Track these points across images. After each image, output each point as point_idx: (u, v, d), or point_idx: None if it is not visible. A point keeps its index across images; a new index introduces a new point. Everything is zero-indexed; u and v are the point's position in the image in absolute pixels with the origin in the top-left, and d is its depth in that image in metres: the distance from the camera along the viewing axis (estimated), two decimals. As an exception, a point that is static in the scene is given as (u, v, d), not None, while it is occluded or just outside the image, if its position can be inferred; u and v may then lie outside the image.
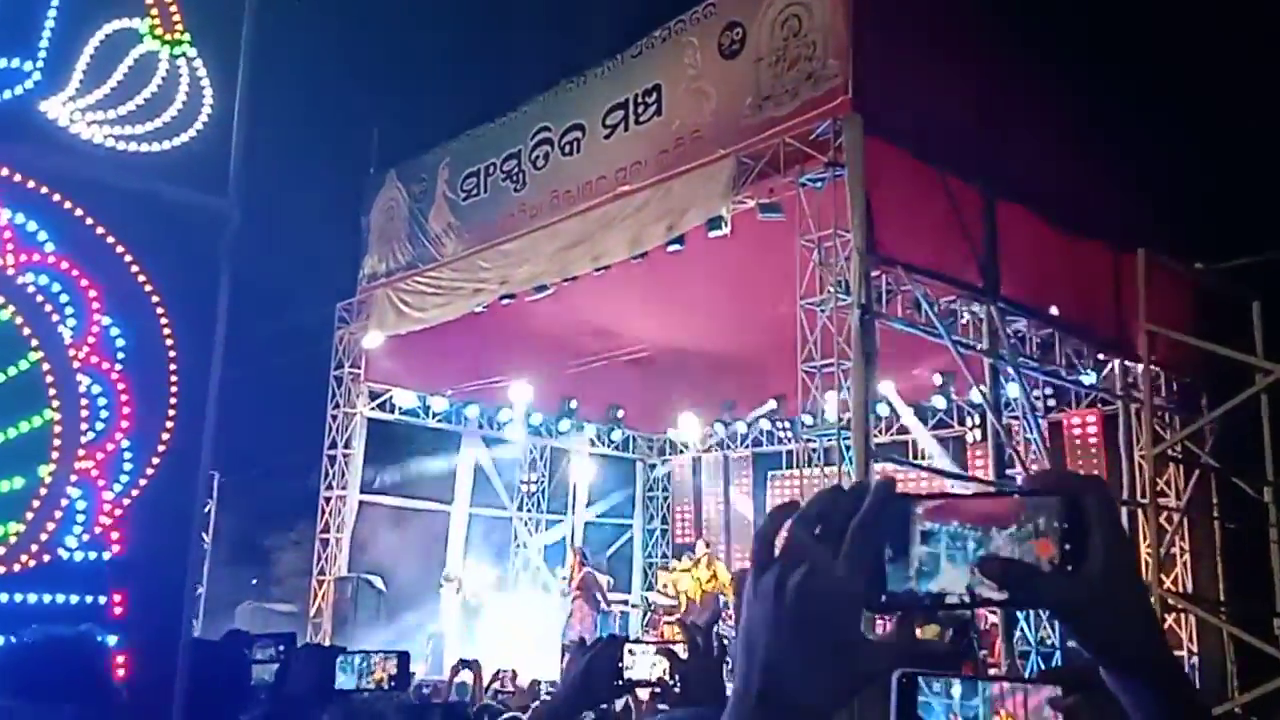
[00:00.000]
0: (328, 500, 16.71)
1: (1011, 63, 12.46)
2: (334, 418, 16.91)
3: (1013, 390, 12.91)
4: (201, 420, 4.06)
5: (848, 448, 10.33)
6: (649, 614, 17.37)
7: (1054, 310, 12.76)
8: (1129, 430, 13.75)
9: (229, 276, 4.16)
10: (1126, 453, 13.72)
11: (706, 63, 12.22)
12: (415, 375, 17.31)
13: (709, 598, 15.05)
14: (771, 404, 18.36)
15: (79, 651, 2.40)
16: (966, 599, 0.96)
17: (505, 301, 14.39)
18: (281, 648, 4.28)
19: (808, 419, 11.78)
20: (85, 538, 4.05)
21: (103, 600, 3.99)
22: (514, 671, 7.20)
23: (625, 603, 18.99)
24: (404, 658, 4.07)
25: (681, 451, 21.33)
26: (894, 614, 1.02)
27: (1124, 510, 12.22)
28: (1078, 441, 15.98)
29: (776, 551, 0.97)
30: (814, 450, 11.16)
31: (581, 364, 17.16)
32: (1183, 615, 13.22)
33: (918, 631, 1.09)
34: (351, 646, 4.52)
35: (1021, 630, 11.84)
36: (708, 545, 15.80)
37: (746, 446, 20.17)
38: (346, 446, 16.79)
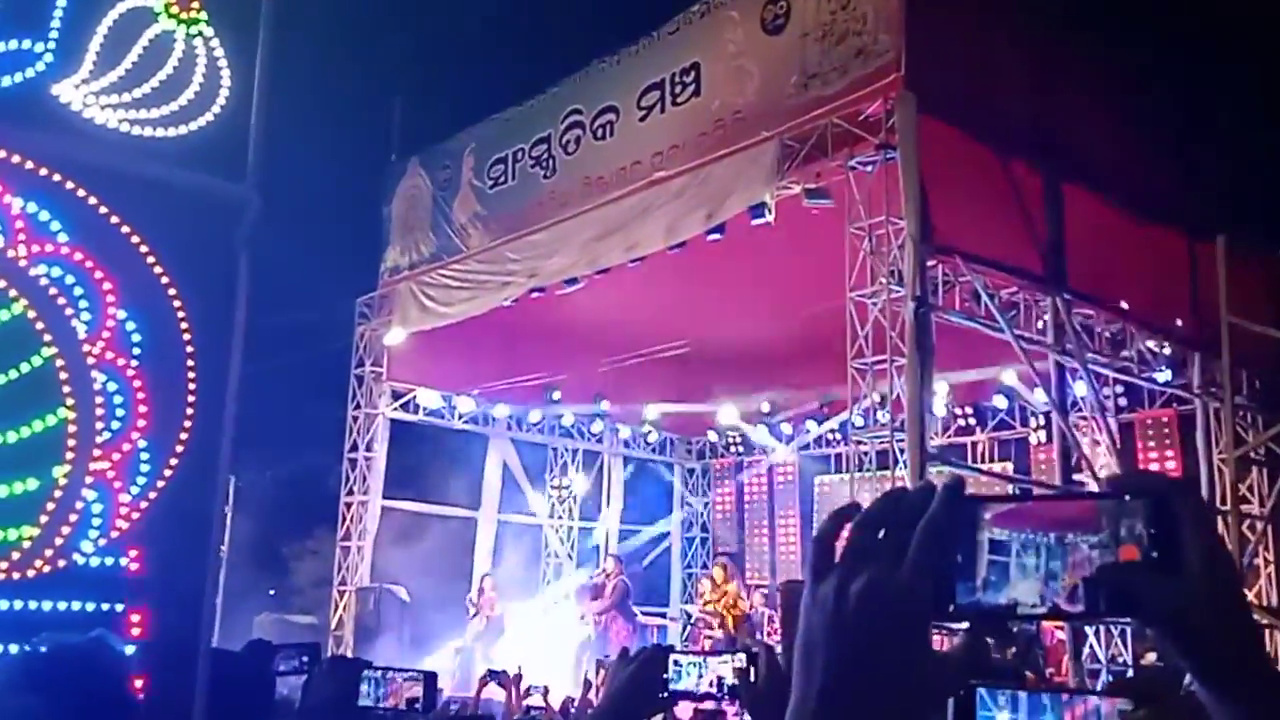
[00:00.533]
0: (348, 506, 16.85)
1: (1075, 35, 12.31)
2: (354, 419, 17.05)
3: (1080, 389, 12.77)
4: (220, 419, 4.10)
5: (902, 451, 10.25)
6: (689, 627, 17.35)
7: (1124, 304, 12.60)
8: (1208, 431, 13.56)
9: (248, 267, 4.20)
10: (1205, 455, 13.53)
11: (748, 39, 12.18)
12: (440, 374, 17.41)
13: (740, 623, 15.02)
14: (843, 414, 18.14)
15: (94, 660, 2.43)
16: (1041, 610, 0.95)
17: (534, 295, 14.42)
18: (306, 659, 4.32)
19: (858, 420, 11.72)
20: (102, 542, 4.10)
21: (119, 608, 4.04)
22: (546, 688, 7.24)
23: (663, 615, 19.01)
24: (430, 680, 4.09)
25: (722, 455, 21.29)
26: (961, 625, 1.01)
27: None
28: (1151, 443, 15.77)
29: (836, 557, 0.98)
30: (865, 453, 11.10)
31: (615, 361, 17.18)
32: (1268, 631, 13.00)
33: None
34: (375, 660, 4.55)
35: (1091, 646, 11.70)
36: (724, 567, 15.74)
37: (792, 449, 20.09)
38: (368, 449, 16.92)
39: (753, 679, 2.21)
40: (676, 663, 2.31)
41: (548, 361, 17.35)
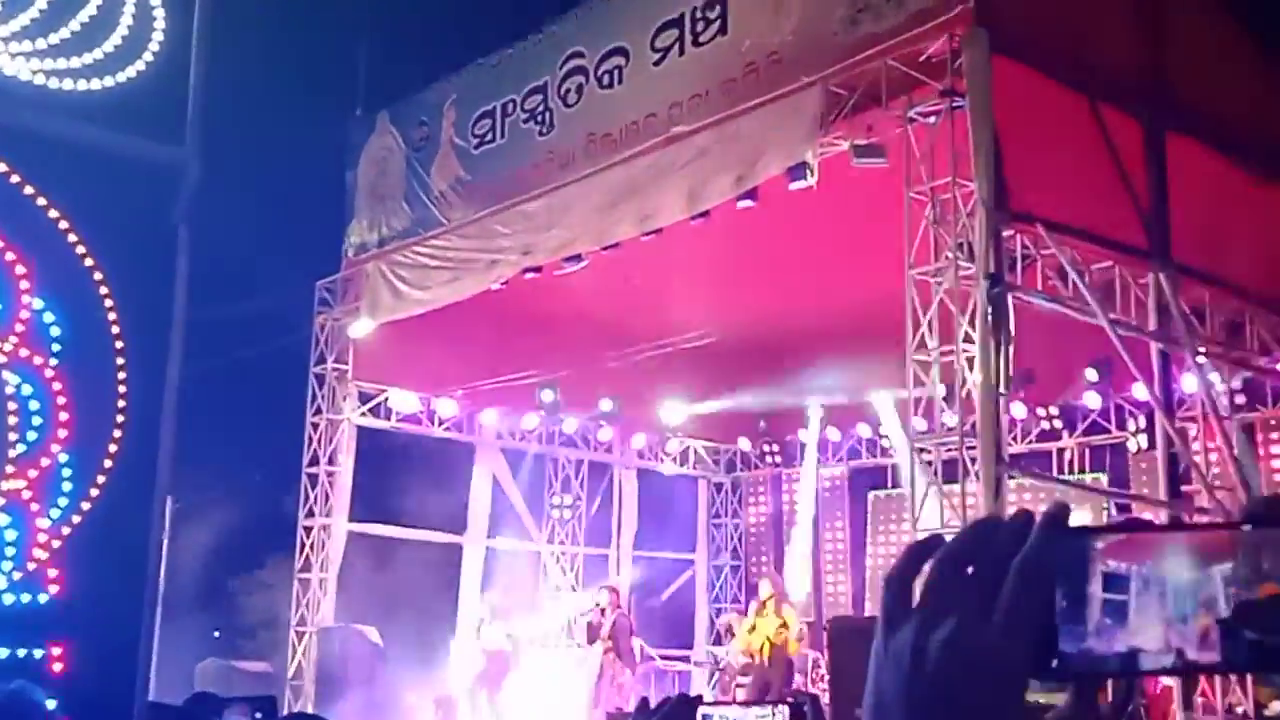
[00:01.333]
0: (308, 530, 16.91)
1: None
2: (315, 426, 17.11)
3: (1189, 383, 12.70)
4: (156, 429, 4.12)
5: (973, 460, 10.25)
6: (716, 674, 17.38)
7: (1241, 282, 12.55)
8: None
9: (188, 247, 4.23)
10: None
11: (785, -35, 12.16)
12: (416, 372, 17.46)
13: (780, 657, 15.02)
14: (881, 403, 18.17)
15: (9, 715, 2.46)
16: (1167, 661, 0.94)
17: (529, 276, 14.44)
18: (259, 715, 4.35)
19: (920, 422, 11.71)
20: (16, 576, 4.13)
21: (39, 654, 4.07)
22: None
23: (685, 659, 19.04)
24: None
25: (757, 466, 21.31)
26: (1067, 683, 1.01)
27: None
28: (1276, 448, 15.70)
29: (914, 601, 0.98)
30: (928, 463, 11.08)
31: (626, 355, 17.19)
32: None
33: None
34: (340, 716, 4.58)
35: (1204, 694, 11.67)
36: (774, 584, 15.75)
37: (840, 460, 20.11)
38: (331, 463, 16.99)
39: None
40: (706, 716, 2.33)
41: (545, 356, 17.37)
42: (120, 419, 4.29)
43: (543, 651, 18.63)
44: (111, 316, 4.35)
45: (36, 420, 4.21)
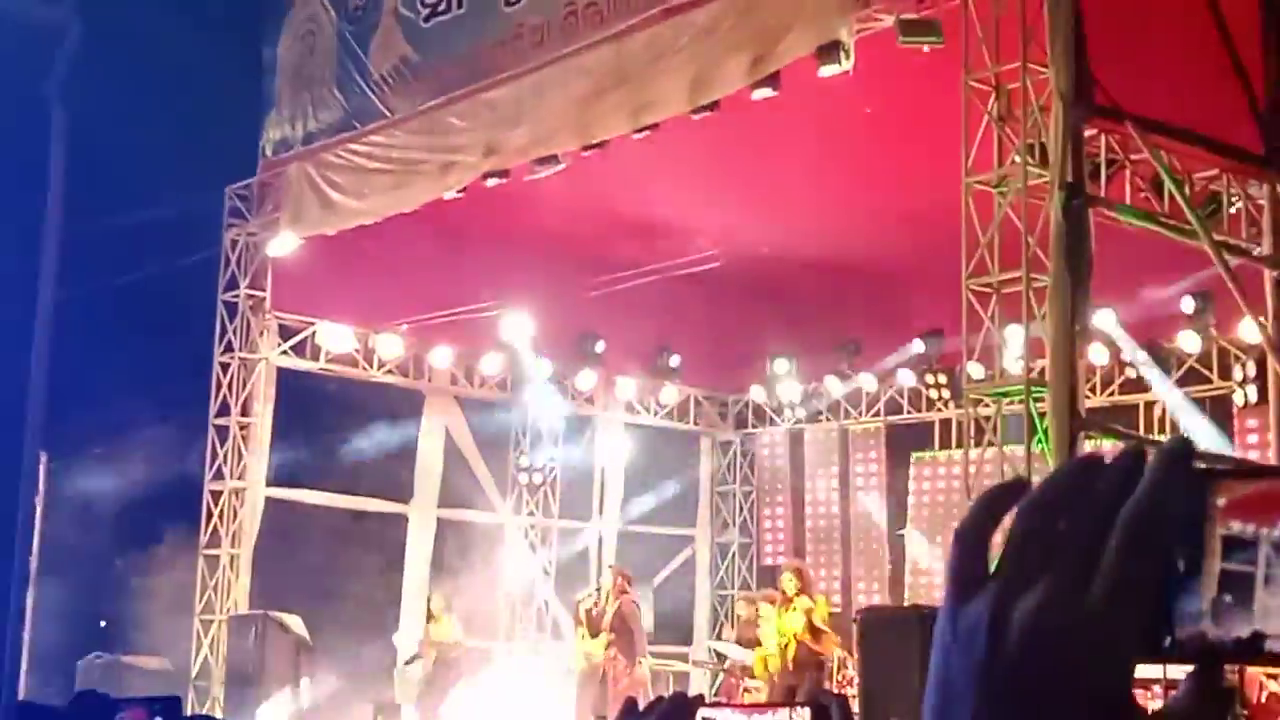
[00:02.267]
0: (216, 496, 16.96)
1: None
2: (224, 367, 17.11)
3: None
4: (24, 368, 4.08)
5: (1042, 415, 10.27)
6: (720, 675, 17.50)
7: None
8: None
9: (65, 135, 4.16)
10: None
11: None
12: (352, 301, 17.44)
13: (810, 658, 15.08)
14: (918, 345, 18.30)
15: None
16: None
17: (492, 183, 14.39)
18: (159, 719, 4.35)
19: (976, 369, 11.72)
20: None
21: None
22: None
23: (683, 657, 19.18)
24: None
25: (774, 422, 21.37)
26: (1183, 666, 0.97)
27: None
28: None
29: (991, 565, 0.96)
30: (986, 418, 11.11)
31: (613, 282, 17.17)
32: None
33: None
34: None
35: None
36: (799, 574, 15.65)
37: (877, 414, 20.18)
38: (244, 413, 17.00)
39: None
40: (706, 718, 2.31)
41: (512, 283, 17.36)
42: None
43: (508, 648, 18.76)
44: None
45: None
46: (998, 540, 0.97)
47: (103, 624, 21.35)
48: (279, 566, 17.26)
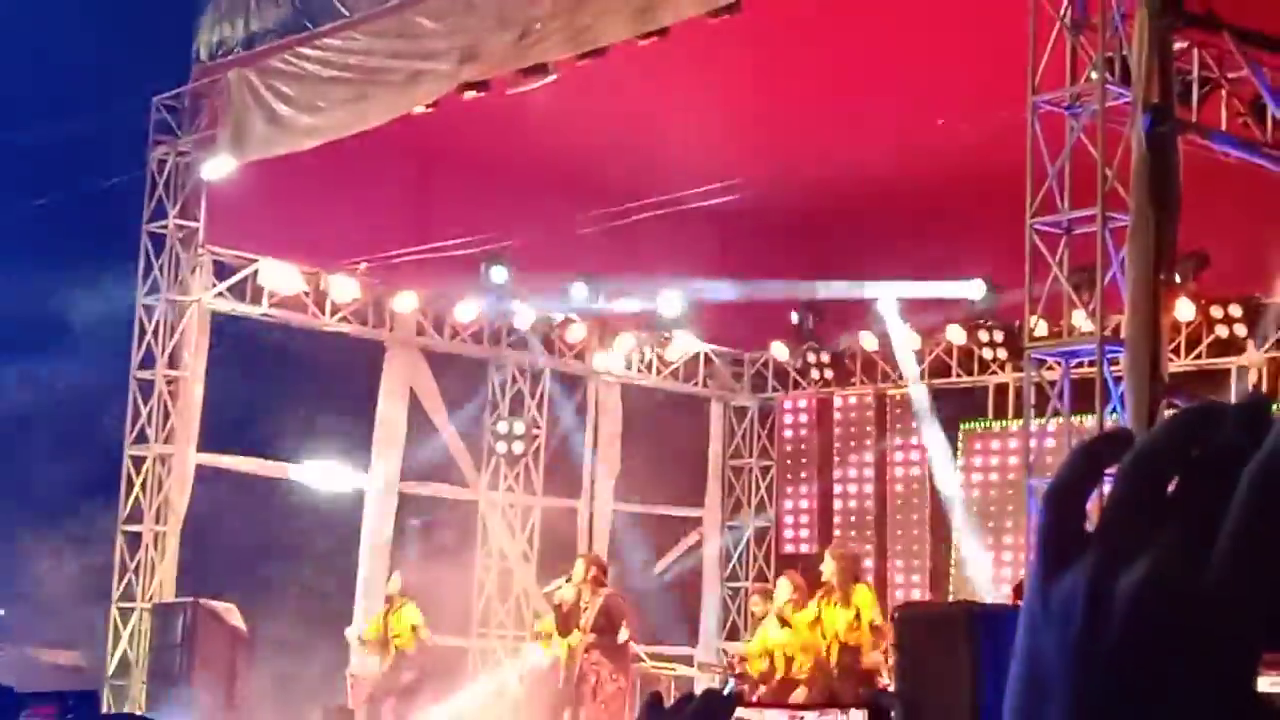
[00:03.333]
0: (138, 463, 16.98)
1: None
2: (149, 311, 17.11)
3: None
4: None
5: (1118, 379, 10.30)
6: (730, 682, 17.55)
7: None
8: None
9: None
10: None
11: None
12: (300, 235, 17.42)
13: (852, 664, 15.15)
14: (979, 286, 18.14)
15: None
16: None
17: (470, 96, 14.38)
18: (71, 717, 4.42)
19: (1039, 324, 11.73)
20: None
21: None
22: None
23: (688, 660, 19.23)
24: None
25: (798, 385, 21.37)
26: None
27: None
28: None
29: (1087, 531, 0.95)
30: (1050, 382, 11.12)
31: (609, 216, 17.17)
32: None
33: None
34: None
35: None
36: (846, 561, 15.73)
37: (920, 378, 20.16)
38: (173, 365, 16.99)
39: None
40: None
41: (490, 215, 17.33)
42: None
43: (481, 647, 18.83)
44: None
45: None
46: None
47: (1, 612, 21.44)
48: (211, 546, 17.32)
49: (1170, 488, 0.94)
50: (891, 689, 14.27)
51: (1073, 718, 0.93)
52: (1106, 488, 0.96)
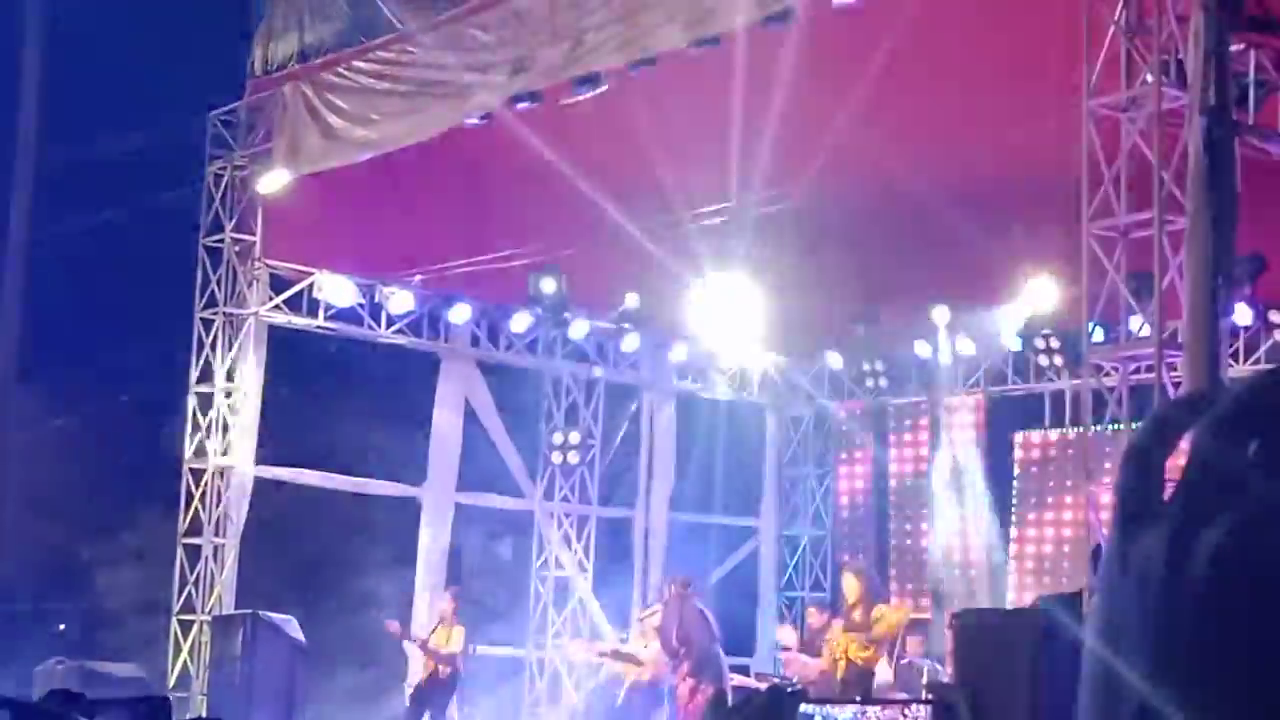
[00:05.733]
0: (198, 476, 17.04)
1: None
2: (207, 325, 17.18)
3: None
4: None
5: (1177, 384, 10.24)
6: (796, 690, 17.53)
7: None
8: None
9: (41, 58, 4.26)
10: None
11: None
12: (356, 248, 17.48)
13: (861, 677, 15.09)
14: (1037, 301, 18.07)
15: None
16: None
17: (523, 106, 14.40)
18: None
19: (1096, 331, 11.66)
20: None
21: None
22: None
23: (744, 670, 19.22)
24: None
25: (853, 394, 21.32)
26: None
27: None
28: None
29: (1167, 491, 0.97)
30: (1109, 388, 11.06)
31: (663, 226, 17.17)
32: None
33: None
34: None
35: None
36: (860, 583, 15.49)
37: (974, 385, 20.09)
38: (230, 378, 17.06)
39: None
40: (805, 717, 2.40)
41: (544, 227, 17.36)
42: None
43: (538, 657, 18.86)
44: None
45: None
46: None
47: (61, 626, 21.57)
48: (270, 559, 17.38)
49: (1252, 449, 0.94)
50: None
51: (1155, 675, 0.92)
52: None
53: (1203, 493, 0.94)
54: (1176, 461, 1.00)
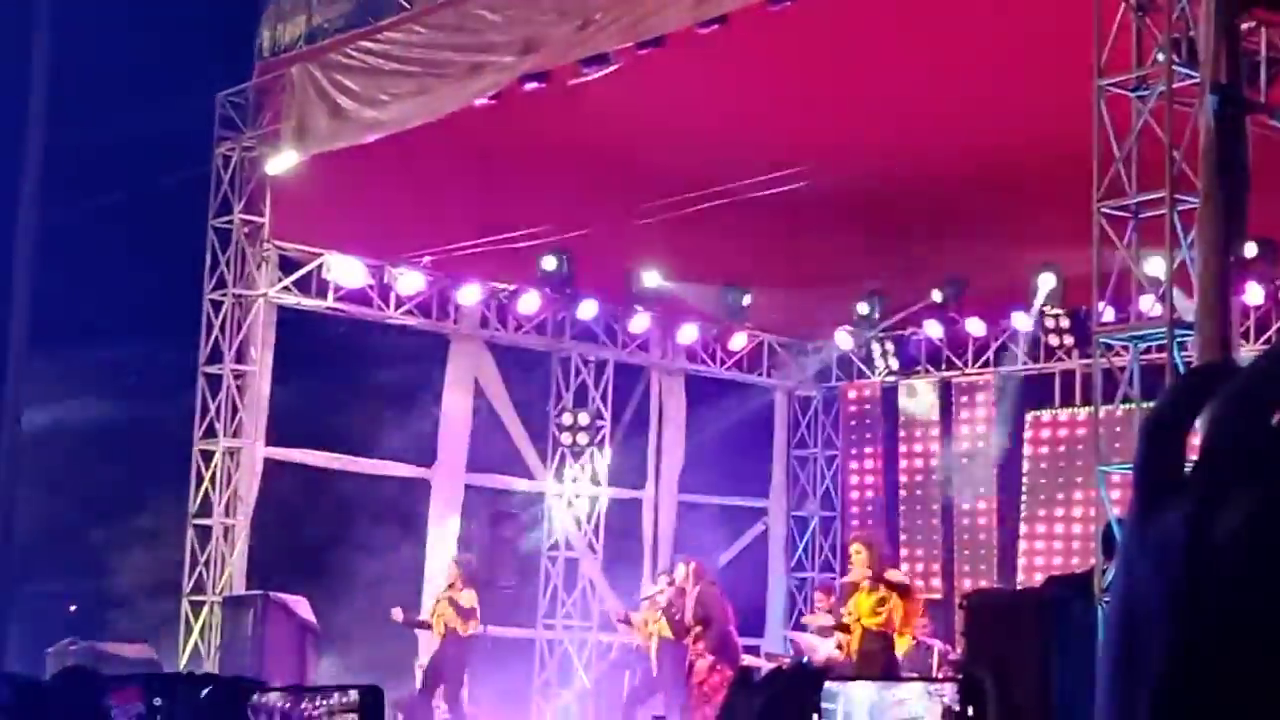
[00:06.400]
0: (208, 457, 17.09)
1: None
2: (216, 306, 17.20)
3: None
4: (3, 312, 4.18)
5: (1188, 364, 10.23)
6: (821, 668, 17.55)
7: None
8: None
9: (45, 42, 4.25)
10: None
11: None
12: (364, 229, 17.50)
13: (879, 653, 14.99)
14: (1048, 281, 18.05)
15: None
16: None
17: (531, 87, 14.38)
18: (159, 701, 4.47)
19: (1107, 311, 11.65)
20: None
21: None
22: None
23: (754, 650, 19.23)
24: (372, 699, 4.26)
25: (862, 374, 21.31)
26: None
27: None
28: None
29: (1187, 466, 0.95)
30: (1120, 368, 11.05)
31: (671, 205, 17.14)
32: None
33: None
34: None
35: None
36: (868, 551, 15.27)
37: (985, 365, 20.08)
38: (240, 360, 17.09)
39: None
40: (831, 695, 2.39)
41: (552, 207, 17.34)
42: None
43: (548, 638, 18.87)
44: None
45: None
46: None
47: (72, 607, 21.62)
48: (281, 540, 17.39)
49: (1275, 421, 0.92)
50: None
51: (1175, 658, 0.91)
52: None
53: (1226, 464, 0.92)
54: (1193, 439, 0.97)
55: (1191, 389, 0.97)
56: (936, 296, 19.28)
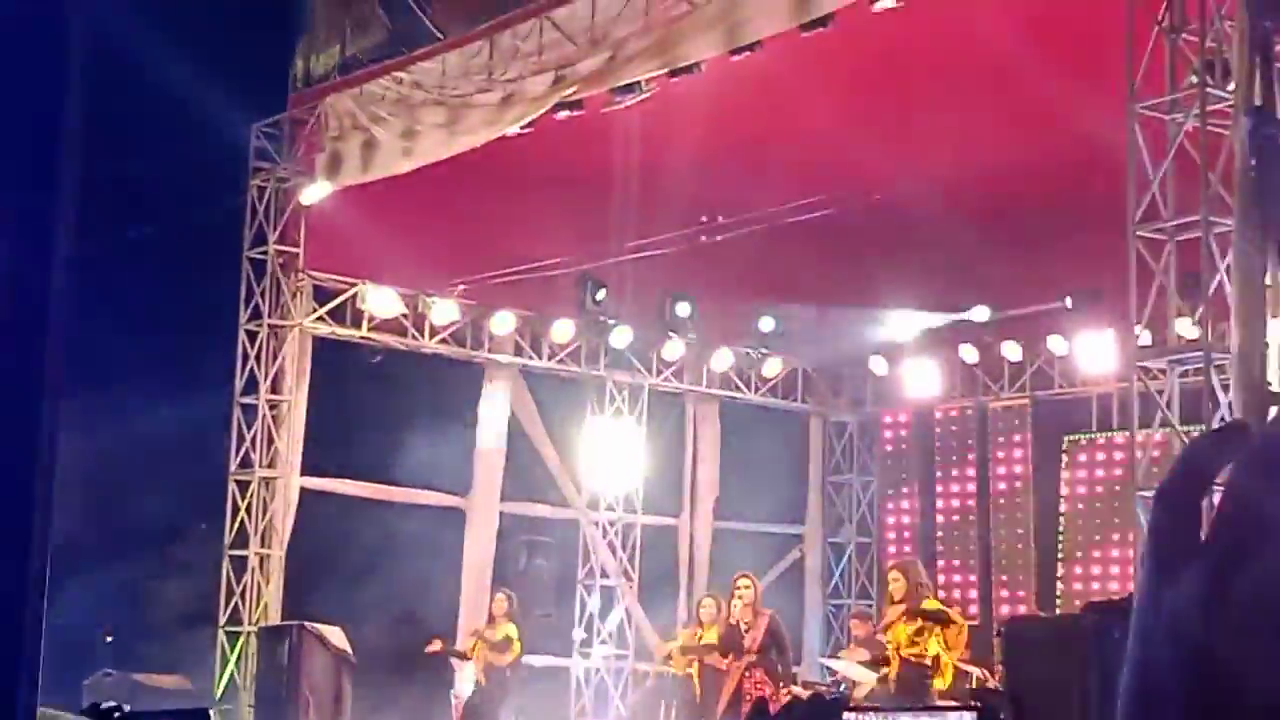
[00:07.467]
0: (243, 487, 17.15)
1: None
2: (251, 337, 17.28)
3: None
4: (39, 337, 4.16)
5: (1226, 387, 10.18)
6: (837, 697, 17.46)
7: None
8: None
9: (78, 69, 4.24)
10: None
11: None
12: (399, 259, 17.50)
13: (919, 680, 14.89)
14: (1081, 304, 17.99)
15: None
16: None
17: (564, 116, 14.41)
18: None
19: (1143, 334, 11.61)
20: None
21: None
22: None
23: (793, 679, 19.18)
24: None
25: (896, 402, 21.26)
26: None
27: None
28: None
29: (1203, 531, 0.93)
30: (1158, 391, 11.01)
31: (704, 232, 17.15)
32: None
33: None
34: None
35: None
36: (906, 578, 15.09)
37: (1021, 389, 20.03)
38: (275, 390, 17.17)
39: None
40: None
41: (586, 235, 17.37)
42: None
43: (584, 667, 18.85)
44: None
45: None
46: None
47: (108, 638, 21.61)
48: (316, 570, 17.38)
49: None
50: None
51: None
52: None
53: (1241, 531, 0.90)
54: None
55: (1201, 459, 0.95)
56: (977, 316, 19.24)
